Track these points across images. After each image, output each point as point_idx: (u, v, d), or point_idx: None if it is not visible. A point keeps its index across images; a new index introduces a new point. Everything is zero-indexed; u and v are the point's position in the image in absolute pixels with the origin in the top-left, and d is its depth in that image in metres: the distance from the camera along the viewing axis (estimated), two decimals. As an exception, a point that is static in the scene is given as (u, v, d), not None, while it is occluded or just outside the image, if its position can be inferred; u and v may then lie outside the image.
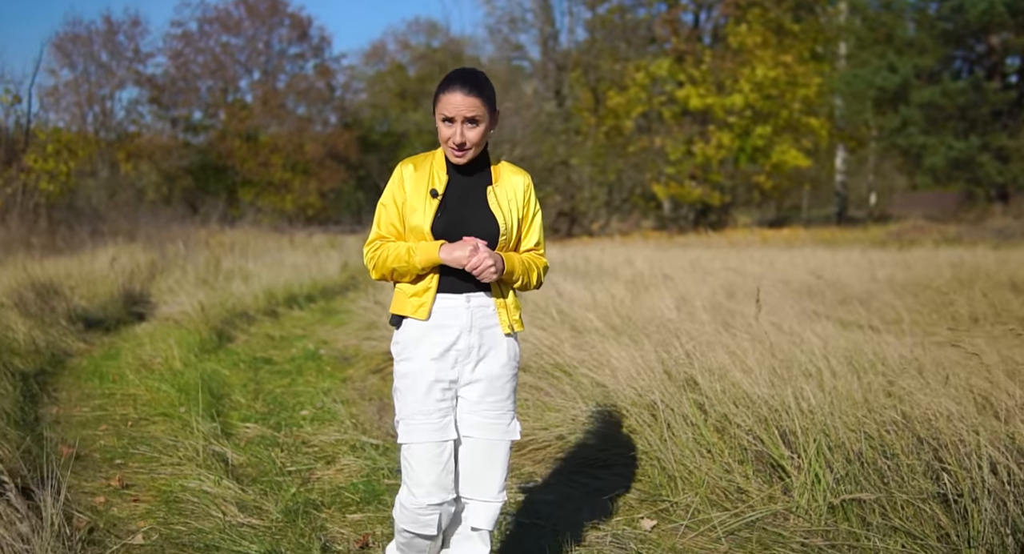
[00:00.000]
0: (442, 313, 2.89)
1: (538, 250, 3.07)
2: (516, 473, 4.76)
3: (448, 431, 2.91)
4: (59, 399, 6.30)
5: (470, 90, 2.83)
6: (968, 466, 3.45)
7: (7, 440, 4.76)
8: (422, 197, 2.89)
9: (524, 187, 3.00)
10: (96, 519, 4.04)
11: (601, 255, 15.61)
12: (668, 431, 4.46)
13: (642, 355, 5.28)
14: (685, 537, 3.92)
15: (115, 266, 11.71)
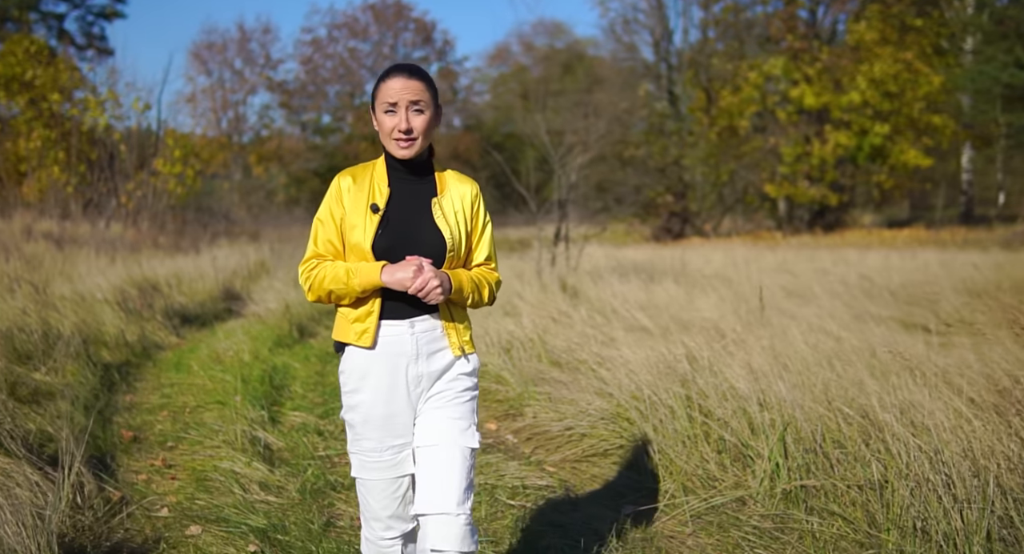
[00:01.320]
0: (385, 341, 2.72)
1: (489, 265, 2.91)
2: (526, 460, 5.08)
3: (404, 466, 2.77)
4: (136, 388, 6.90)
5: (411, 74, 2.70)
6: (896, 454, 3.63)
7: (71, 423, 5.33)
8: (362, 212, 2.71)
9: (472, 196, 2.83)
10: (132, 493, 4.53)
11: (693, 256, 15.70)
12: (658, 423, 4.71)
13: (657, 353, 5.52)
14: (658, 521, 4.18)
15: (215, 265, 12.45)
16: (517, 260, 13.42)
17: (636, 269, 12.20)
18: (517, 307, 8.06)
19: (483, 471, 4.85)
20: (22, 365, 6.32)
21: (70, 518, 3.80)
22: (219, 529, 4.04)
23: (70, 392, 6.00)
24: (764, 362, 5.21)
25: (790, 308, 7.80)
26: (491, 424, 5.92)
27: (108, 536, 3.85)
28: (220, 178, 38.95)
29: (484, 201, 2.90)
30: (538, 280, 9.54)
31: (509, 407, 6.05)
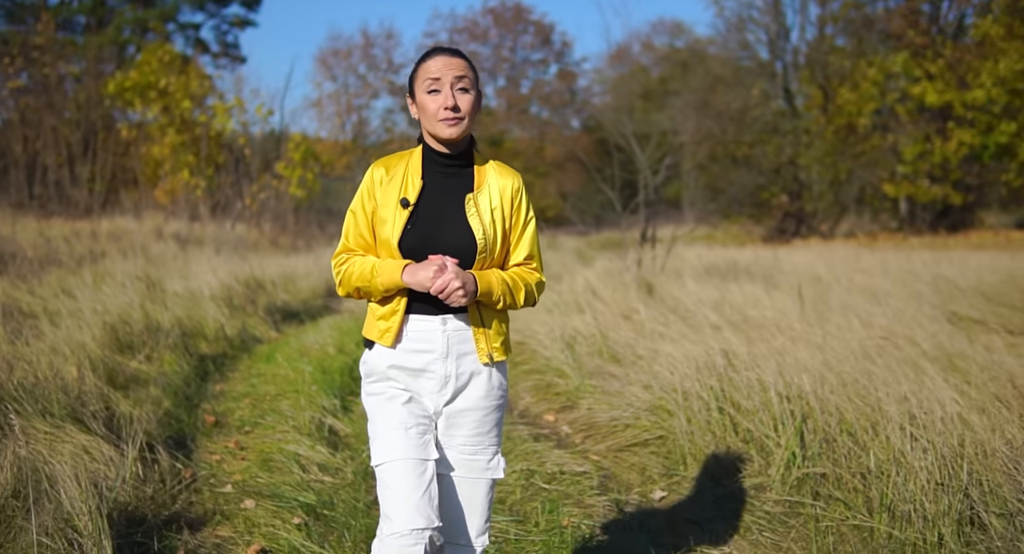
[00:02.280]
0: (414, 337, 2.62)
1: (529, 264, 2.73)
2: (572, 449, 5.33)
3: (428, 450, 2.61)
4: (228, 377, 7.39)
5: (454, 53, 2.61)
6: (893, 444, 3.76)
7: (158, 407, 5.82)
8: (392, 207, 2.59)
9: (513, 191, 2.67)
10: (202, 471, 4.95)
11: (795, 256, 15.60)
12: (692, 415, 4.91)
13: (703, 348, 5.70)
14: (682, 506, 4.40)
15: (318, 264, 13.03)
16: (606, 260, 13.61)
17: (729, 269, 12.27)
18: (591, 304, 8.31)
19: (527, 458, 5.12)
20: (123, 355, 6.87)
21: (134, 489, 4.22)
22: (272, 503, 4.42)
23: (163, 380, 6.51)
24: (807, 357, 5.35)
25: (864, 306, 7.81)
26: (549, 416, 6.19)
27: (168, 506, 4.27)
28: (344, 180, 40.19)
29: (527, 196, 2.73)
30: (620, 279, 9.74)
31: (567, 399, 6.30)
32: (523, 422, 6.09)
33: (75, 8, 39.94)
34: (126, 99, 25.94)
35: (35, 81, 27.90)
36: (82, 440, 4.54)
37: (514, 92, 48.63)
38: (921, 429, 3.82)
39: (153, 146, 25.58)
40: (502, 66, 49.15)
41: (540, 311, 8.40)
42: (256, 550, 3.85)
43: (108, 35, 36.65)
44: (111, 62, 32.87)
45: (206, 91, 26.88)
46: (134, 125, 26.80)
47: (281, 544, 3.92)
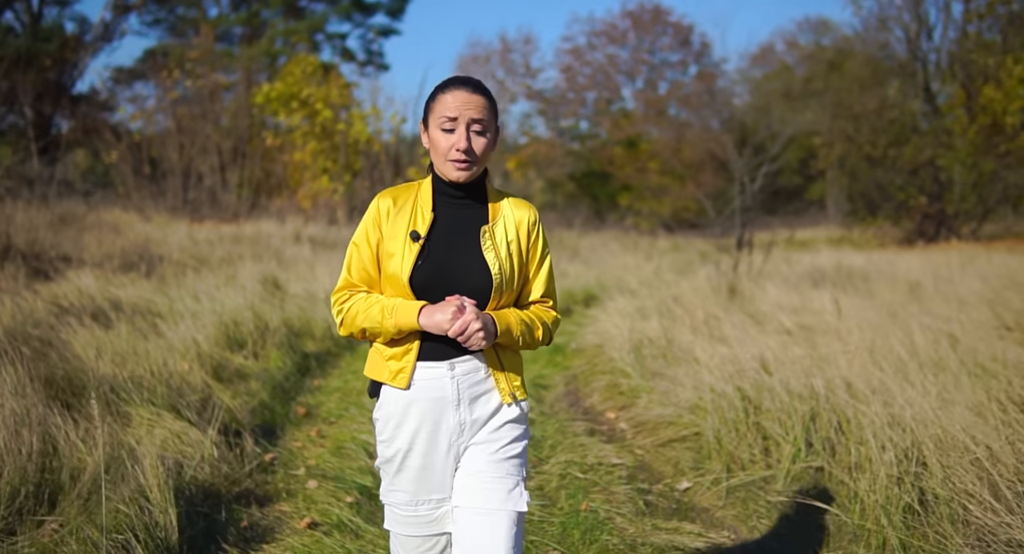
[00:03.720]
0: (423, 385, 2.50)
1: (546, 303, 2.66)
2: (620, 444, 5.75)
3: (441, 523, 2.55)
4: (327, 374, 8.06)
5: (475, 89, 2.48)
6: (871, 442, 4.07)
7: (254, 398, 6.50)
8: (401, 240, 2.48)
9: (530, 223, 2.58)
10: (284, 455, 5.58)
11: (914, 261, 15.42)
12: (723, 414, 5.27)
13: (752, 351, 6.03)
14: (699, 495, 4.80)
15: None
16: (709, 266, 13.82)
17: (834, 275, 12.33)
18: (670, 309, 8.65)
19: (572, 450, 5.58)
20: (231, 351, 7.60)
21: (211, 468, 4.86)
22: (332, 484, 4.99)
23: (264, 375, 7.21)
24: (842, 363, 5.65)
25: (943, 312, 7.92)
26: (611, 413, 6.61)
27: (241, 484, 4.90)
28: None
29: (543, 230, 2.64)
30: (709, 284, 10.03)
31: (627, 398, 6.70)
32: (584, 418, 6.53)
33: (231, 21, 42.12)
34: (271, 108, 27.37)
35: (191, 92, 29.71)
36: (175, 426, 5.22)
37: (652, 94, 48.69)
38: (892, 429, 4.11)
39: (296, 153, 26.92)
40: (640, 68, 49.27)
41: (618, 316, 8.79)
42: (307, 523, 4.42)
43: (261, 47, 38.56)
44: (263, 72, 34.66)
45: (345, 100, 28.09)
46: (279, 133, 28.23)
47: (331, 518, 4.48)
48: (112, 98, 37.82)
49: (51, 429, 4.71)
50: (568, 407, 6.93)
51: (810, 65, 50.90)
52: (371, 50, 45.80)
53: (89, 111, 35.96)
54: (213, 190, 27.53)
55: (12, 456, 4.34)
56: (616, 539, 4.15)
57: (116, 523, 3.79)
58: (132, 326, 7.59)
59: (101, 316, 7.98)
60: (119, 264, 13.16)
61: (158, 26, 42.67)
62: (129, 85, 39.33)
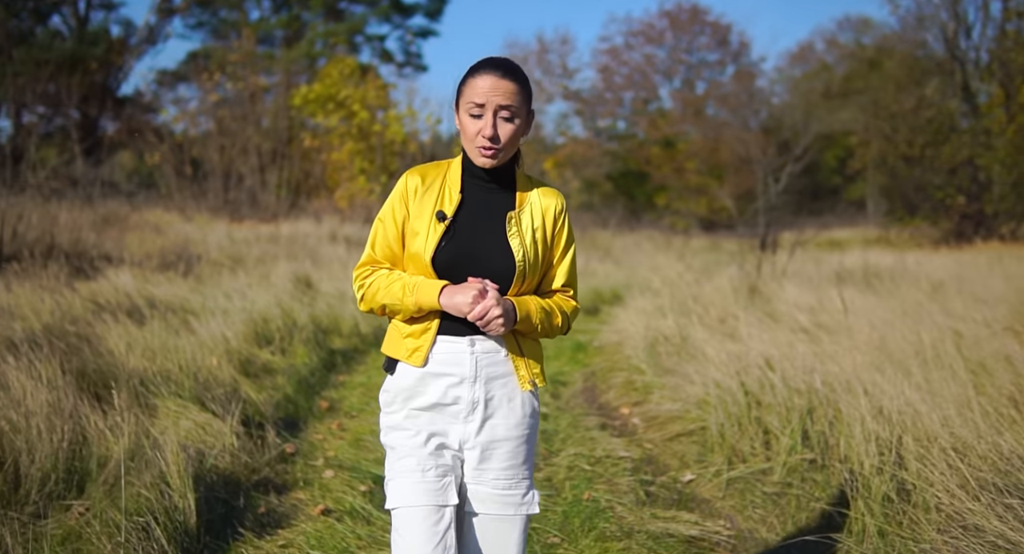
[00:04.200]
0: (441, 359, 2.49)
1: (567, 292, 2.65)
2: (630, 438, 5.91)
3: (448, 494, 2.47)
4: (352, 369, 8.29)
5: (505, 73, 2.42)
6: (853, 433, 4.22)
7: (279, 392, 6.74)
8: (427, 219, 2.47)
9: (556, 211, 2.57)
10: (304, 447, 5.80)
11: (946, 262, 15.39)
12: (726, 409, 5.42)
13: (757, 348, 6.17)
14: (700, 486, 4.96)
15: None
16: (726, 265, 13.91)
17: (859, 275, 12.38)
18: (690, 308, 8.79)
19: (582, 444, 5.75)
20: (259, 348, 7.85)
21: (232, 457, 5.09)
22: (348, 474, 5.20)
23: (290, 370, 7.45)
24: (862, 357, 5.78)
25: (958, 311, 7.98)
26: (625, 409, 6.77)
27: (260, 473, 5.12)
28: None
29: (569, 219, 2.63)
30: (729, 284, 10.15)
31: (640, 395, 6.86)
32: (598, 413, 6.71)
33: (273, 23, 42.65)
34: (309, 110, 27.77)
35: (232, 94, 30.20)
36: (200, 417, 5.45)
37: (689, 94, 48.64)
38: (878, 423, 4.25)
39: (333, 154, 27.28)
40: (677, 68, 49.23)
41: (637, 314, 8.95)
42: (321, 510, 4.63)
43: (301, 49, 39.04)
44: (303, 74, 35.12)
45: (382, 101, 28.41)
46: (317, 134, 28.62)
47: (344, 506, 4.69)
48: (156, 100, 38.46)
49: (81, 419, 4.96)
50: (584, 403, 7.10)
51: (850, 64, 50.57)
52: (409, 51, 46.16)
53: (134, 113, 36.60)
54: (253, 191, 27.97)
55: (44, 444, 4.60)
56: (614, 527, 4.32)
57: (137, 506, 4.02)
58: (165, 323, 7.85)
59: (136, 313, 8.26)
60: (158, 263, 13.49)
61: (201, 29, 43.32)
62: (173, 87, 40.01)
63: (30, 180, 15.13)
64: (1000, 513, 3.15)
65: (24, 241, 13.34)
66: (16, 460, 4.49)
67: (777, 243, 12.55)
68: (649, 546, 4.05)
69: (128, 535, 3.79)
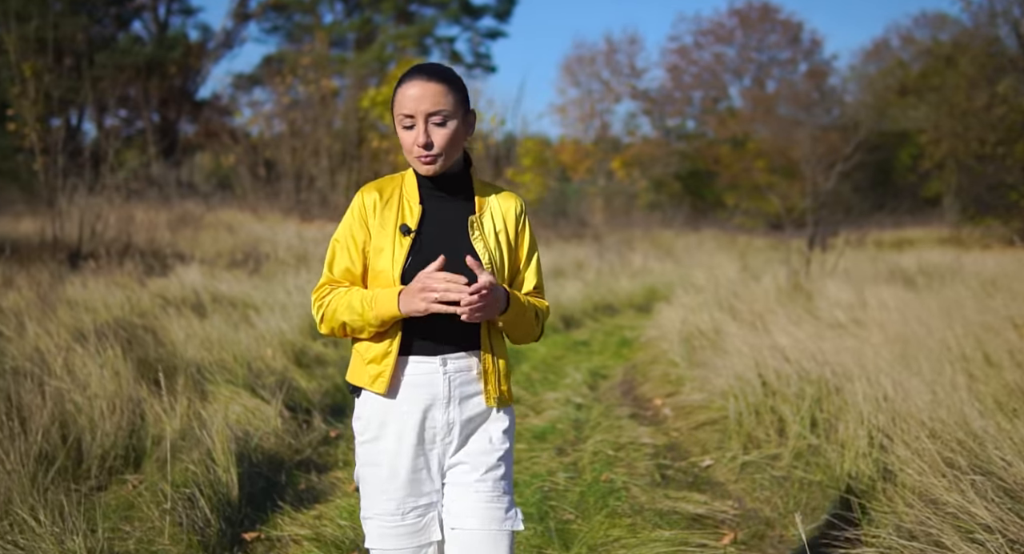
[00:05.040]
0: (412, 381, 2.41)
1: (539, 294, 2.59)
2: (657, 426, 6.17)
3: (429, 532, 2.44)
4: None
5: (429, 77, 2.37)
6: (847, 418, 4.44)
7: (329, 381, 7.13)
8: (390, 235, 2.42)
9: (516, 213, 2.53)
10: (349, 432, 6.16)
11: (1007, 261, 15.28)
12: (746, 399, 5.66)
13: (776, 341, 6.39)
14: (715, 471, 5.22)
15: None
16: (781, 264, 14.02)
17: (912, 273, 12.42)
18: (730, 304, 9.00)
19: (609, 431, 6.03)
20: (313, 340, 8.25)
21: (276, 439, 5.47)
22: (385, 456, 5.55)
23: (342, 361, 7.83)
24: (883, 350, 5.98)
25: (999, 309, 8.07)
26: (658, 400, 7.03)
27: (303, 453, 5.50)
28: (585, 183, 41.61)
29: (530, 221, 2.60)
30: (774, 281, 10.32)
31: (673, 386, 7.12)
32: (631, 404, 6.98)
33: (345, 27, 43.44)
34: (377, 112, 28.33)
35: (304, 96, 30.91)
36: (250, 403, 5.85)
37: (759, 92, 48.34)
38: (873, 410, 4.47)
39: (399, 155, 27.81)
40: (747, 67, 48.95)
41: (678, 310, 9.18)
42: (356, 487, 4.97)
43: (372, 52, 39.74)
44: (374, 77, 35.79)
45: (447, 103, 28.85)
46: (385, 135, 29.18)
47: (378, 484, 5.03)
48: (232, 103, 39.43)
49: (140, 403, 5.39)
50: (620, 394, 7.37)
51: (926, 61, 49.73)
52: (478, 53, 46.62)
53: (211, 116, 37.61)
54: (323, 191, 28.64)
55: (105, 424, 5.02)
56: (626, 505, 4.60)
57: (184, 479, 4.42)
58: (226, 317, 8.30)
59: (200, 308, 8.74)
60: (228, 261, 14.05)
61: (276, 33, 44.26)
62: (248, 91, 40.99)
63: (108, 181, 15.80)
64: (962, 488, 3.36)
65: (102, 240, 14.01)
66: (79, 438, 4.92)
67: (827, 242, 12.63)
68: (654, 522, 4.31)
69: (174, 504, 4.17)
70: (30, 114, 15.14)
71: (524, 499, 4.76)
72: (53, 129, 16.11)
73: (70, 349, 6.10)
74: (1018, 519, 3.08)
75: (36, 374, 5.51)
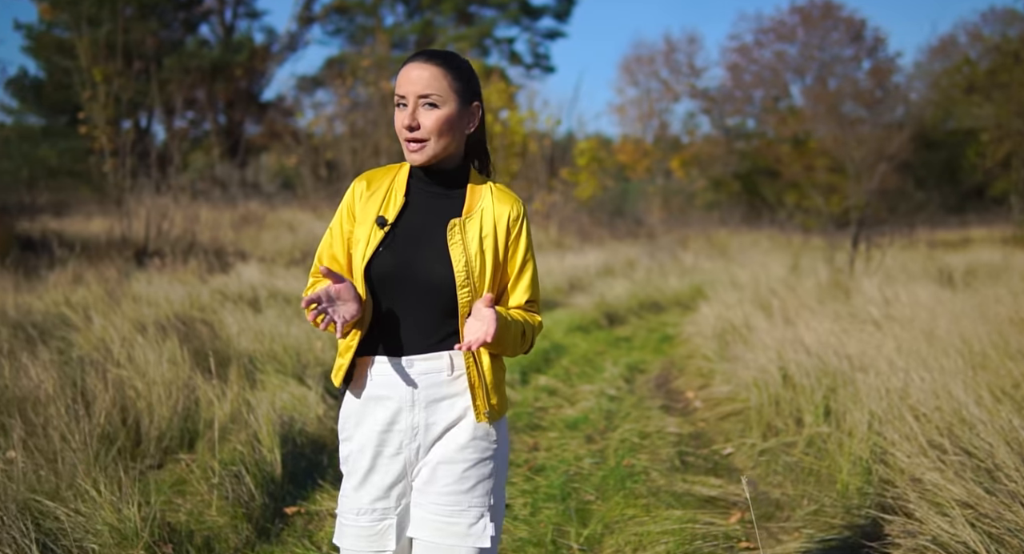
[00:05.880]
0: (378, 381, 2.33)
1: (531, 308, 2.43)
2: (685, 417, 6.42)
3: (384, 540, 2.35)
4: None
5: (427, 59, 2.28)
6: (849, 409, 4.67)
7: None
8: (369, 225, 2.32)
9: (511, 219, 2.37)
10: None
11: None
12: (769, 390, 5.89)
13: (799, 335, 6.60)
14: (735, 457, 5.47)
15: (564, 263, 14.51)
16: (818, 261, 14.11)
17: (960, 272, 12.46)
18: (768, 303, 9.19)
19: (638, 420, 6.31)
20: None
21: (319, 423, 5.83)
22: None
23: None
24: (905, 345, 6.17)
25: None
26: (690, 392, 7.29)
27: (344, 436, 5.84)
28: (644, 183, 41.75)
29: (527, 226, 2.41)
30: (815, 279, 10.47)
31: (705, 380, 7.36)
32: (664, 397, 7.24)
33: (406, 29, 44.03)
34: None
35: (364, 98, 31.51)
36: (297, 391, 6.22)
37: (821, 90, 47.92)
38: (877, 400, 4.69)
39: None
40: (809, 65, 48.58)
41: (717, 307, 9.40)
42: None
43: (432, 53, 40.22)
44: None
45: (505, 103, 29.22)
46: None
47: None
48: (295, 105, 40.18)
49: (195, 390, 5.78)
50: (654, 388, 7.63)
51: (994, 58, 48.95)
52: (538, 53, 46.88)
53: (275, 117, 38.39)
54: (382, 190, 29.16)
55: (162, 408, 5.42)
56: (643, 487, 4.87)
57: (232, 458, 4.79)
58: (280, 312, 8.71)
59: (255, 303, 9.16)
60: (287, 260, 14.52)
61: (339, 35, 44.96)
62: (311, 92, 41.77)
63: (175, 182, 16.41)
64: (940, 467, 3.60)
65: (167, 239, 14.58)
66: (138, 421, 5.33)
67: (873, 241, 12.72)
68: (668, 502, 4.58)
69: (222, 480, 4.54)
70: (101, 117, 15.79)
71: (549, 482, 5.07)
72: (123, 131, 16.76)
73: (132, 340, 6.52)
74: (988, 495, 3.31)
75: (100, 363, 5.94)
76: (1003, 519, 3.17)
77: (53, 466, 4.51)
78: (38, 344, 6.73)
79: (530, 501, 4.79)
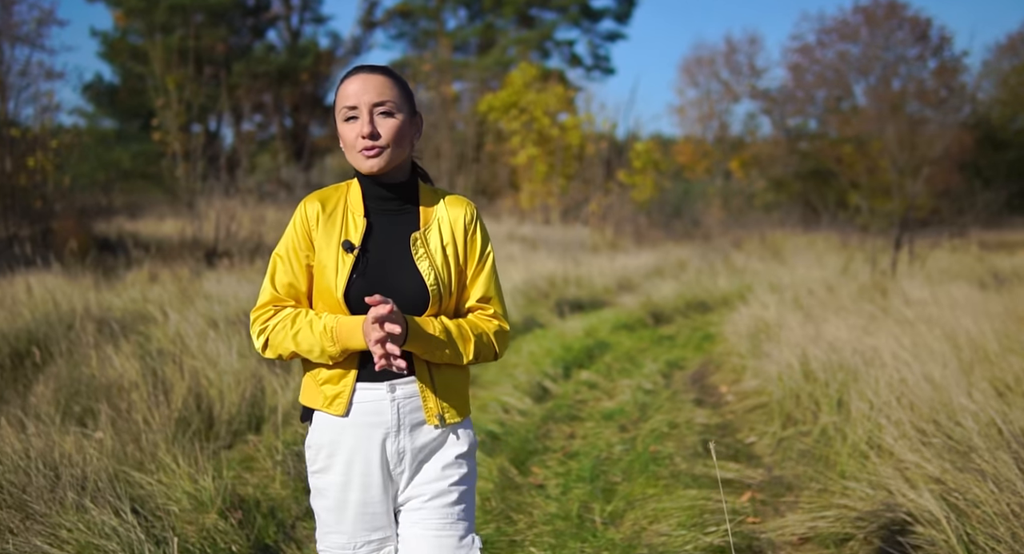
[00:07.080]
0: (361, 409, 2.32)
1: (486, 309, 2.43)
2: (714, 408, 6.85)
3: None
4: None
5: (372, 71, 2.30)
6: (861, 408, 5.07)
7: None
8: (334, 250, 2.30)
9: (466, 221, 2.40)
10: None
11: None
12: (792, 384, 6.31)
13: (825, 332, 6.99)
14: (755, 445, 5.91)
15: (614, 264, 14.93)
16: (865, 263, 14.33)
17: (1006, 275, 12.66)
18: (805, 303, 9.56)
19: (669, 412, 6.76)
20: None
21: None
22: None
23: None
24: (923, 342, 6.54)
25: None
26: (723, 387, 7.70)
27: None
28: (704, 183, 41.90)
29: (482, 227, 2.45)
30: (856, 281, 10.79)
31: (737, 375, 7.77)
32: (698, 391, 7.67)
33: (468, 32, 44.66)
34: (494, 117, 29.37)
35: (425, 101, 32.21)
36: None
37: (885, 90, 47.59)
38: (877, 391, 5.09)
39: (515, 157, 28.80)
40: (873, 65, 48.24)
41: (756, 306, 9.77)
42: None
43: (493, 56, 40.83)
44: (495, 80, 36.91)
45: (563, 106, 29.69)
46: (501, 138, 30.20)
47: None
48: (360, 108, 40.94)
49: (262, 379, 6.36)
50: (690, 382, 8.05)
51: (1064, 54, 48.23)
52: (598, 55, 47.21)
53: (340, 121, 39.19)
54: (444, 193, 29.81)
55: (232, 395, 6.00)
56: (666, 470, 5.32)
57: (294, 439, 5.34)
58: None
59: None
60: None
61: (402, 39, 45.74)
62: (375, 95, 42.47)
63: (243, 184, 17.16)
64: (917, 447, 4.01)
65: (235, 239, 15.27)
66: (211, 406, 5.91)
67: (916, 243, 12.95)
68: (686, 483, 5.03)
69: (284, 458, 5.09)
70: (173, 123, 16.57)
71: (581, 466, 5.55)
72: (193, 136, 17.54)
73: (205, 334, 7.12)
74: (958, 471, 3.72)
75: (177, 355, 6.54)
76: (970, 492, 3.58)
77: (137, 444, 5.09)
78: (120, 338, 7.36)
79: (562, 482, 5.28)
